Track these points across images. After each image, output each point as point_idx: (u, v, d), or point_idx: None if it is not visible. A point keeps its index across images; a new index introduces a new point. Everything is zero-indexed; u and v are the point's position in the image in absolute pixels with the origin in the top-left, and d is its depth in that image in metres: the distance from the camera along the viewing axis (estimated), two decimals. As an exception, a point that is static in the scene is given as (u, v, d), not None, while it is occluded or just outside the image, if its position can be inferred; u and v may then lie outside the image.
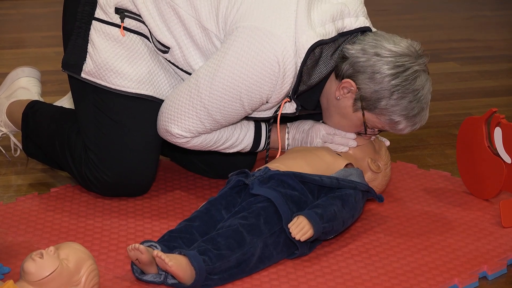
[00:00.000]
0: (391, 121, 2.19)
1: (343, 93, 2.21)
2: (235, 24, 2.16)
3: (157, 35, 2.25)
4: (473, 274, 2.01)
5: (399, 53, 2.16)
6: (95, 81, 2.27)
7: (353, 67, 2.18)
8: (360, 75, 2.17)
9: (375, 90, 2.16)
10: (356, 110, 2.21)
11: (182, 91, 2.22)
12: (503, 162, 2.32)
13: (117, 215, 2.27)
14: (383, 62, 2.15)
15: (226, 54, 2.15)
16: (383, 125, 2.22)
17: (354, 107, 2.21)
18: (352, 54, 2.18)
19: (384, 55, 2.15)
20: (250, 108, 2.20)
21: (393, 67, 2.15)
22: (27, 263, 1.73)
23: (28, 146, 2.55)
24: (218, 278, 1.91)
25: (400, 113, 2.17)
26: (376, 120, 2.21)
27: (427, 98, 2.20)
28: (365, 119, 2.21)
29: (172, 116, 2.22)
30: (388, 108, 2.17)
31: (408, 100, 2.16)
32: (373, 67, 2.15)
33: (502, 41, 4.42)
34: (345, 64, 2.19)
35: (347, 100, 2.21)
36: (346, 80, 2.19)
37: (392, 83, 2.15)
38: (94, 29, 2.26)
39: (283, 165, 2.17)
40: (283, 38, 2.12)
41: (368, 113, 2.20)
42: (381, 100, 2.16)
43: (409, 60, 2.16)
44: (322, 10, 2.19)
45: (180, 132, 2.23)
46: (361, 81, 2.17)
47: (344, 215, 2.08)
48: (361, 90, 2.17)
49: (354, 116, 2.23)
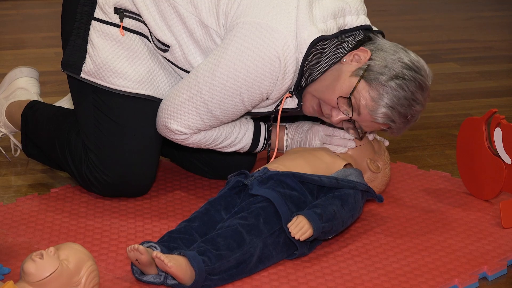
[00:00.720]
0: (376, 100, 2.15)
1: (351, 59, 2.20)
2: (235, 20, 2.16)
3: (157, 33, 2.25)
4: (473, 275, 2.01)
5: (422, 65, 2.18)
6: (94, 81, 2.27)
7: (376, 46, 2.20)
8: (379, 52, 2.18)
9: (385, 65, 2.15)
10: (353, 75, 2.19)
11: (182, 87, 2.22)
12: (503, 163, 2.32)
13: (117, 215, 2.27)
14: (406, 55, 2.18)
15: (226, 50, 2.15)
16: (366, 101, 2.17)
17: (354, 72, 2.19)
18: (380, 41, 2.21)
19: (410, 55, 2.18)
20: (250, 104, 2.20)
21: (411, 63, 2.16)
22: (27, 264, 1.73)
23: (28, 146, 2.55)
24: (217, 279, 1.91)
25: (390, 98, 2.14)
26: (365, 93, 2.15)
27: (416, 115, 2.19)
28: (356, 86, 2.18)
29: (172, 112, 2.22)
30: (385, 86, 2.13)
31: (404, 95, 2.14)
32: (395, 54, 2.17)
33: (502, 42, 4.42)
34: (369, 44, 2.21)
35: (351, 66, 2.19)
36: (364, 49, 2.19)
37: (402, 71, 2.14)
38: (93, 29, 2.26)
39: (282, 165, 2.17)
40: (284, 33, 2.11)
41: (363, 82, 2.17)
42: (384, 75, 2.14)
43: (424, 76, 2.17)
44: (324, 6, 2.19)
45: (179, 128, 2.23)
46: (377, 55, 2.18)
47: (343, 214, 2.08)
48: (371, 61, 2.17)
49: (347, 80, 2.18)
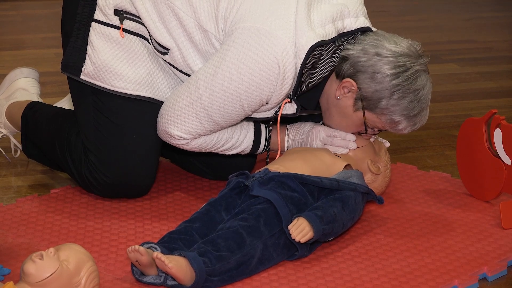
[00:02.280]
0: (392, 121, 2.19)
1: (343, 93, 2.21)
2: (234, 25, 2.16)
3: (156, 36, 2.25)
4: (473, 276, 2.01)
5: (400, 53, 2.15)
6: (94, 82, 2.27)
7: (353, 67, 2.17)
8: (361, 75, 2.17)
9: (376, 89, 2.15)
10: (356, 110, 2.21)
11: (181, 92, 2.22)
12: (503, 164, 2.32)
13: (117, 216, 2.27)
14: (384, 62, 2.15)
15: (225, 55, 2.15)
16: (384, 124, 2.22)
17: (355, 106, 2.21)
18: (353, 54, 2.18)
19: (385, 55, 2.15)
20: (249, 110, 2.20)
21: (394, 67, 2.15)
22: (27, 265, 1.73)
23: (28, 147, 2.55)
24: (218, 280, 1.91)
25: (400, 113, 2.17)
26: (376, 119, 2.21)
27: (428, 98, 2.20)
28: (365, 119, 2.21)
29: (172, 118, 2.22)
30: (389, 108, 2.17)
31: (408, 100, 2.16)
32: (374, 67, 2.15)
33: (502, 43, 4.42)
34: (346, 64, 2.18)
35: (348, 100, 2.21)
36: (347, 80, 2.18)
37: (393, 83, 2.15)
38: (93, 30, 2.26)
39: (283, 166, 2.17)
40: (283, 39, 2.11)
41: (368, 112, 2.20)
42: (381, 100, 2.16)
43: (410, 60, 2.16)
44: (322, 11, 2.18)
45: (179, 133, 2.23)
46: (362, 80, 2.17)
47: (344, 217, 2.08)
48: (361, 90, 2.17)
49: (354, 115, 2.23)
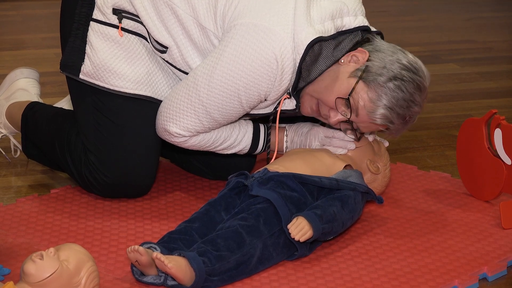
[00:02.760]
0: (374, 101, 2.15)
1: (349, 60, 2.19)
2: (233, 22, 2.16)
3: (155, 34, 2.25)
4: (473, 276, 2.01)
5: (420, 66, 2.18)
6: (93, 82, 2.27)
7: (374, 47, 2.19)
8: (377, 53, 2.17)
9: (384, 66, 2.14)
10: (351, 76, 2.19)
11: (180, 89, 2.22)
12: (503, 164, 2.32)
13: (117, 216, 2.27)
14: (404, 56, 2.17)
15: (224, 52, 2.14)
16: (364, 102, 2.16)
17: (353, 73, 2.19)
18: (377, 41, 2.20)
19: (408, 56, 2.17)
20: (248, 106, 2.19)
21: (409, 64, 2.15)
22: (27, 265, 1.73)
23: (28, 147, 2.55)
24: (217, 280, 1.91)
25: (389, 99, 2.14)
26: (363, 94, 2.15)
27: (414, 116, 2.19)
28: (355, 87, 2.18)
29: (171, 115, 2.22)
30: (384, 88, 2.13)
31: (402, 96, 2.14)
32: (393, 55, 2.16)
33: (502, 43, 4.42)
34: (367, 45, 2.20)
35: (349, 67, 2.19)
36: (362, 50, 2.18)
37: (400, 71, 2.14)
38: (92, 30, 2.26)
39: (282, 166, 2.17)
40: (281, 34, 2.11)
41: (361, 83, 2.17)
42: (382, 76, 2.14)
43: (422, 76, 2.17)
44: (322, 7, 2.18)
45: (178, 131, 2.23)
46: (376, 56, 2.17)
47: (343, 216, 2.08)
48: (369, 62, 2.16)
49: (345, 81, 2.18)
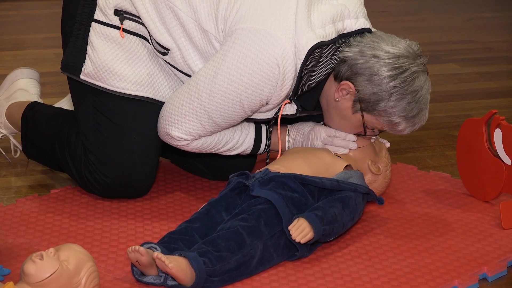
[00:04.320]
0: (391, 122, 2.19)
1: (342, 95, 2.21)
2: (234, 26, 2.16)
3: (156, 36, 2.25)
4: (473, 276, 2.01)
5: (397, 54, 2.15)
6: (94, 82, 2.27)
7: (351, 69, 2.17)
8: (358, 77, 2.17)
9: (374, 92, 2.15)
10: (355, 112, 2.21)
11: (182, 93, 2.22)
12: (503, 164, 2.32)
13: (117, 216, 2.27)
14: (381, 64, 2.15)
15: (225, 56, 2.15)
16: (383, 126, 2.22)
17: (353, 108, 2.21)
18: (350, 56, 2.17)
19: (382, 57, 2.15)
20: (250, 110, 2.20)
21: (391, 68, 2.14)
22: (27, 265, 1.73)
23: (28, 147, 2.55)
24: (218, 280, 1.91)
25: (399, 114, 2.17)
26: (375, 121, 2.21)
27: (426, 99, 2.20)
28: (364, 121, 2.21)
29: (173, 119, 2.22)
30: (387, 110, 2.17)
31: (407, 101, 2.16)
32: (371, 69, 2.15)
33: (502, 43, 4.42)
34: (344, 66, 2.18)
35: (346, 102, 2.21)
36: (345, 82, 2.18)
37: (390, 85, 2.14)
38: (93, 30, 2.26)
39: (283, 166, 2.17)
40: (282, 40, 2.11)
41: (367, 114, 2.20)
42: (380, 102, 2.16)
43: (407, 62, 2.15)
44: (322, 12, 2.18)
45: (180, 135, 2.23)
46: (360, 83, 2.17)
47: (344, 217, 2.08)
48: (359, 92, 2.17)
49: (353, 117, 2.23)
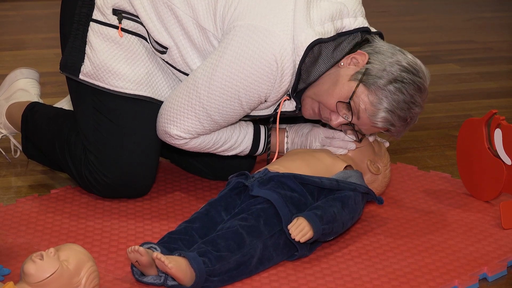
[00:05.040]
0: (375, 104, 2.15)
1: (349, 62, 2.19)
2: (232, 23, 2.15)
3: (155, 35, 2.25)
4: (473, 276, 2.01)
5: (419, 67, 2.17)
6: (93, 82, 2.27)
7: (373, 49, 2.19)
8: (376, 55, 2.17)
9: (384, 69, 2.14)
10: (352, 80, 2.19)
11: (180, 91, 2.22)
12: (503, 164, 2.32)
13: (117, 216, 2.27)
14: (403, 57, 2.17)
15: (223, 53, 2.14)
16: (365, 105, 2.17)
17: (353, 76, 2.18)
18: (376, 43, 2.20)
19: (408, 57, 2.17)
20: (248, 107, 2.20)
21: (409, 66, 2.15)
22: (27, 265, 1.73)
23: (28, 147, 2.55)
24: (218, 280, 1.91)
25: (389, 102, 2.14)
26: (364, 98, 2.15)
27: (414, 117, 2.19)
28: (355, 90, 2.18)
29: (171, 117, 2.22)
30: (384, 91, 2.14)
31: (403, 99, 2.14)
32: (393, 56, 2.16)
33: (502, 43, 4.42)
34: (367, 46, 2.20)
35: (349, 70, 2.19)
36: (362, 52, 2.18)
37: (401, 74, 2.14)
38: (92, 30, 2.26)
39: (283, 166, 2.17)
40: (281, 36, 2.11)
41: (362, 87, 2.17)
42: (382, 78, 2.14)
43: (423, 77, 2.17)
44: (322, 9, 2.18)
45: (179, 133, 2.23)
46: (375, 58, 2.17)
47: (343, 217, 2.08)
48: (369, 64, 2.16)
49: (346, 84, 2.18)
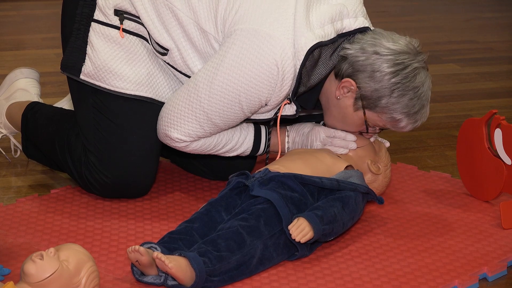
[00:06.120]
0: (393, 119, 2.19)
1: (343, 93, 2.21)
2: (233, 27, 2.16)
3: (156, 37, 2.25)
4: (473, 276, 2.01)
5: (398, 51, 2.16)
6: (94, 82, 2.27)
7: (352, 66, 2.17)
8: (360, 74, 2.17)
9: (375, 88, 2.16)
10: (357, 109, 2.21)
11: (181, 95, 2.22)
12: (503, 164, 2.32)
13: (117, 216, 2.27)
14: (383, 60, 2.15)
15: (224, 57, 2.14)
16: (385, 123, 2.22)
17: (355, 106, 2.21)
18: (351, 53, 2.17)
19: (383, 53, 2.15)
20: (249, 111, 2.20)
21: (392, 65, 2.15)
22: (27, 265, 1.73)
23: (28, 147, 2.55)
24: (218, 280, 1.91)
25: (401, 110, 2.17)
26: (377, 118, 2.21)
27: (427, 95, 2.20)
28: (366, 118, 2.21)
29: (172, 121, 2.22)
30: (389, 106, 2.17)
31: (408, 98, 2.16)
32: (373, 66, 2.15)
33: (502, 43, 4.42)
34: (345, 63, 2.18)
35: (348, 99, 2.21)
36: (346, 80, 2.18)
37: (392, 81, 2.15)
38: (93, 30, 2.26)
39: (283, 166, 2.17)
40: (281, 40, 2.11)
41: (369, 111, 2.20)
42: (381, 99, 2.16)
43: (408, 58, 2.16)
44: (321, 12, 2.18)
45: (179, 136, 2.23)
46: (361, 80, 2.17)
47: (344, 217, 2.08)
48: (361, 89, 2.17)
49: (355, 115, 2.23)
